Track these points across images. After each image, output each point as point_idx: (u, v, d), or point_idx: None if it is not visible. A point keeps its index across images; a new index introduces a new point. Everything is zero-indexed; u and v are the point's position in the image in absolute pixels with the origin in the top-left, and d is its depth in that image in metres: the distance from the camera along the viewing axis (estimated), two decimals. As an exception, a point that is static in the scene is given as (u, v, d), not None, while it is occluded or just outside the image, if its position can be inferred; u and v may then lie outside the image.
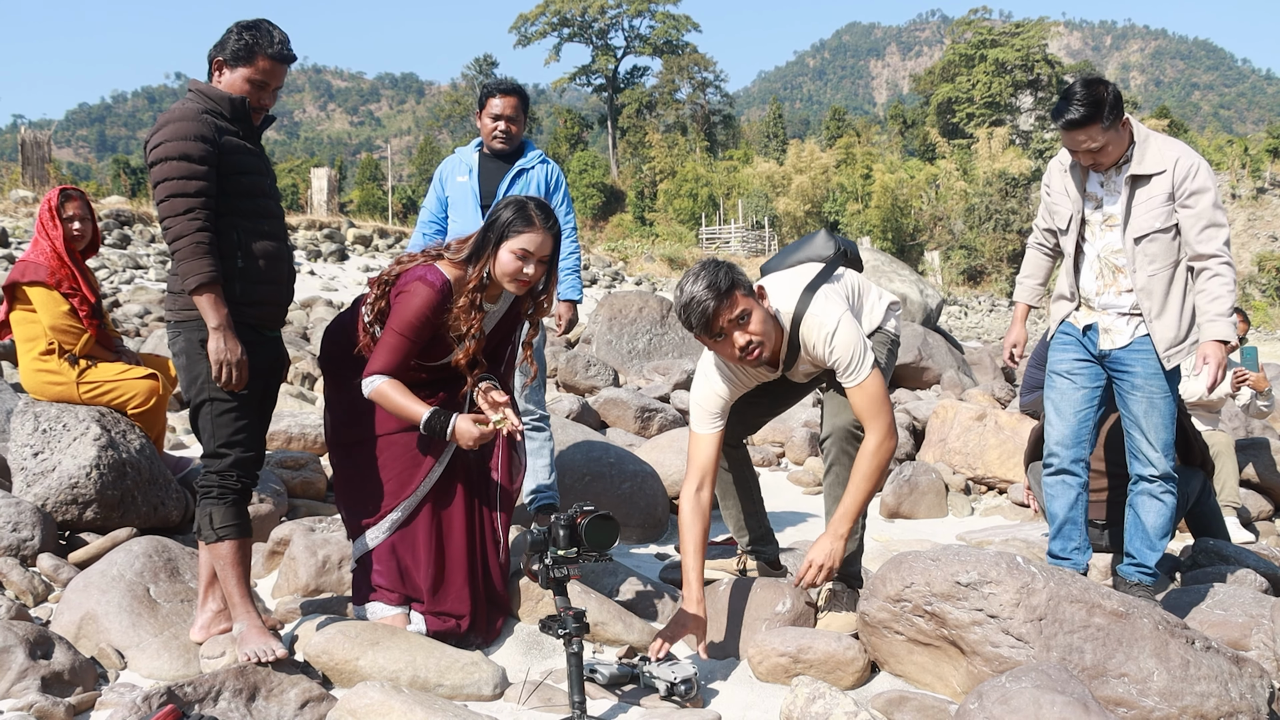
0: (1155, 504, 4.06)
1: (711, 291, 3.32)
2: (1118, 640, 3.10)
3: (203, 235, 3.20)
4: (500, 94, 4.89)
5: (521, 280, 3.49)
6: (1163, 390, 3.98)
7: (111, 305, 13.67)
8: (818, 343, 3.56)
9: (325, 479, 5.45)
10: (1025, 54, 63.73)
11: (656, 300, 10.81)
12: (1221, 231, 3.85)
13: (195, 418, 3.39)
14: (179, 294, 3.31)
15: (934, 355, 10.85)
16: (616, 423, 7.39)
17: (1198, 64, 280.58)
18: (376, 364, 3.42)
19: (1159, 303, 3.93)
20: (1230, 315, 3.86)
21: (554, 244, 3.54)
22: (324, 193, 30.06)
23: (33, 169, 23.77)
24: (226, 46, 3.39)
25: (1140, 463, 4.06)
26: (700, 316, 3.35)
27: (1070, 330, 4.18)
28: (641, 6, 71.08)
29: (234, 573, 3.35)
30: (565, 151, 64.19)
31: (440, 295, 3.44)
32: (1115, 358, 4.06)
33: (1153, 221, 3.89)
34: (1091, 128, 3.79)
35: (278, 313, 3.52)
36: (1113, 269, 4.02)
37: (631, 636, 3.71)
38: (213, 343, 3.22)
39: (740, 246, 46.14)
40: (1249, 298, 44.64)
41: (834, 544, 3.55)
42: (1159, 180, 3.86)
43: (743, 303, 3.39)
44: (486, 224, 3.52)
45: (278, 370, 3.55)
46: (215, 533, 3.33)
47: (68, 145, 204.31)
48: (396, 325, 3.43)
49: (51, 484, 4.35)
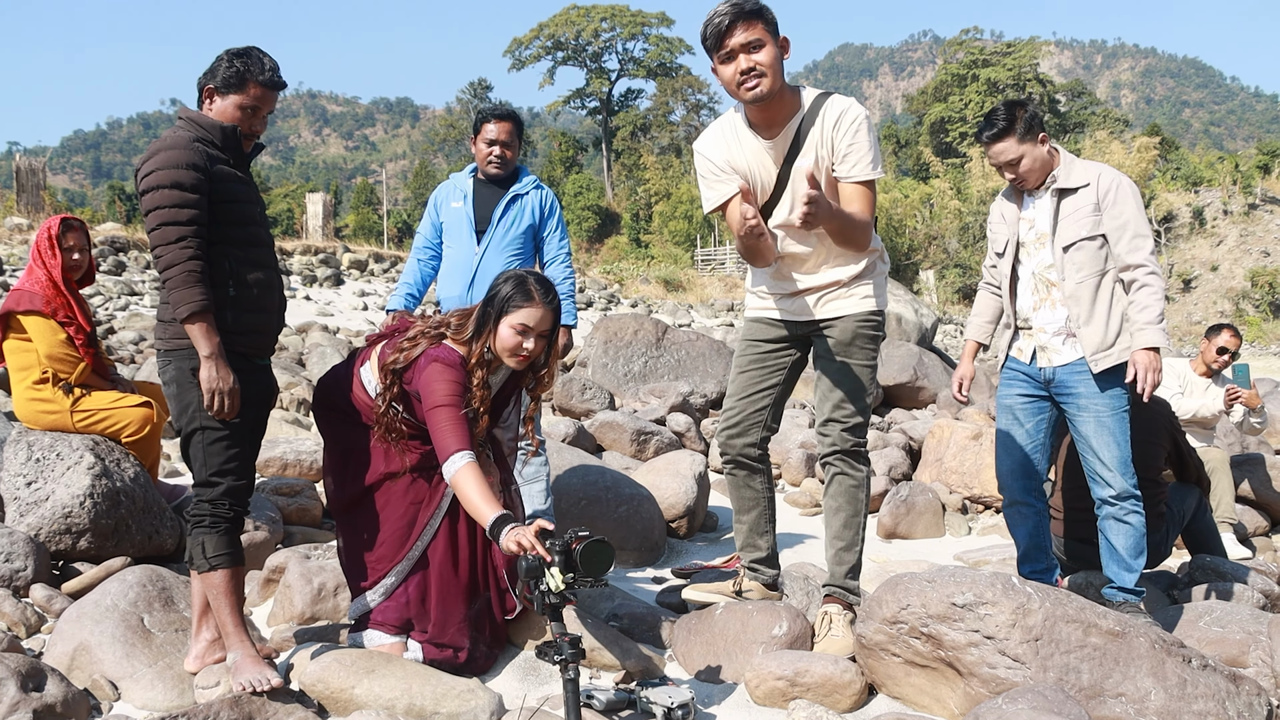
0: (1122, 526, 4.10)
1: (734, 9, 3.38)
2: (1114, 660, 3.09)
3: (194, 264, 3.20)
4: (495, 119, 4.91)
5: (521, 355, 3.48)
6: (1109, 408, 4.07)
7: (106, 332, 13.67)
8: (844, 117, 3.54)
9: (320, 505, 5.44)
10: (1017, 73, 64.01)
11: (652, 323, 10.81)
12: (1147, 242, 4.03)
13: (186, 446, 3.39)
14: (169, 322, 3.31)
15: (929, 375, 10.85)
16: (613, 446, 7.38)
17: (1187, 82, 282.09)
18: (451, 444, 3.29)
19: (1087, 308, 4.07)
20: (1160, 322, 3.99)
21: (554, 318, 3.53)
22: (319, 218, 30.07)
23: (27, 196, 23.76)
24: (218, 74, 3.40)
25: (1099, 485, 4.13)
26: (714, 30, 3.40)
27: (1016, 365, 4.33)
28: (635, 30, 71.41)
29: (227, 602, 3.34)
30: (560, 174, 64.30)
31: (460, 370, 3.44)
32: (1059, 382, 4.17)
33: (1079, 230, 4.07)
34: (1007, 140, 4.10)
35: (269, 341, 3.52)
36: (1046, 284, 4.18)
37: (628, 662, 3.70)
38: (204, 371, 3.22)
39: (736, 268, 46.21)
40: (1243, 313, 44.75)
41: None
42: (1084, 192, 4.08)
43: (760, 32, 3.40)
44: (486, 299, 3.52)
45: (268, 399, 3.55)
46: (208, 561, 3.32)
47: (63, 172, 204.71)
48: (439, 400, 3.36)
49: (45, 513, 4.33)
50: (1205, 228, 53.08)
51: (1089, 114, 67.45)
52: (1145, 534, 4.12)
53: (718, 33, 3.41)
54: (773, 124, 3.62)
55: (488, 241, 4.90)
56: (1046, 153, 4.13)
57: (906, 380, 10.59)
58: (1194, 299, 50.27)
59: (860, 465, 3.88)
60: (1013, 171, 4.14)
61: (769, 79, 3.44)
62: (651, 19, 72.05)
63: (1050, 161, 4.15)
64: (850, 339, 3.78)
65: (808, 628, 3.85)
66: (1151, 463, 4.93)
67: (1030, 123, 4.09)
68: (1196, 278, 51.29)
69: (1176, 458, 5.16)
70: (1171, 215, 54.55)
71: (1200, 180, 56.11)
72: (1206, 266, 50.57)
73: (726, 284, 36.60)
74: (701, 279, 38.07)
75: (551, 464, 5.47)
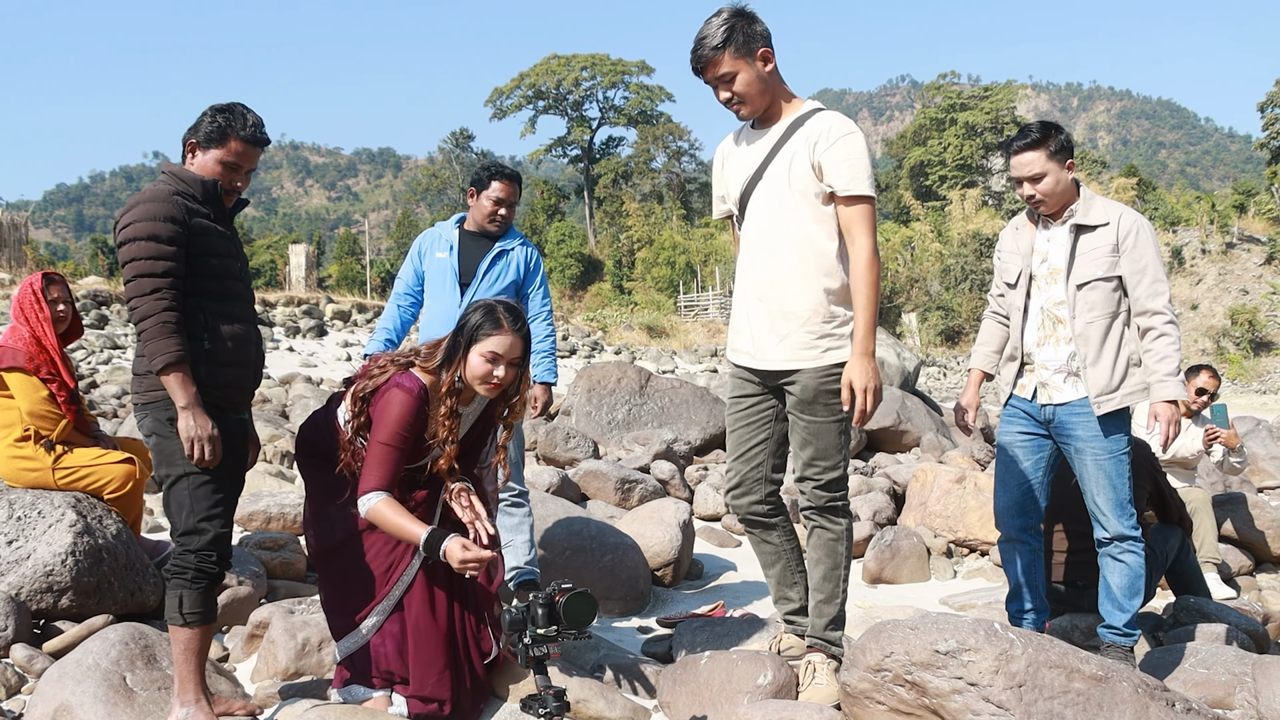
0: (1116, 565, 4.12)
1: (695, 58, 3.63)
2: (1098, 705, 3.10)
3: (169, 315, 3.21)
4: (504, 179, 4.94)
5: (492, 383, 3.50)
6: (1107, 451, 4.07)
7: (89, 386, 13.60)
8: (832, 131, 3.59)
9: (304, 558, 5.41)
10: (994, 116, 64.68)
11: (635, 370, 10.84)
12: (1166, 288, 4.03)
13: (169, 496, 3.37)
14: (144, 375, 3.32)
15: (913, 418, 10.89)
16: (597, 495, 7.38)
17: (1163, 123, 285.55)
18: (370, 481, 3.40)
19: (1095, 349, 4.06)
20: (1178, 375, 4.01)
21: (524, 346, 3.54)
22: (302, 269, 30.16)
23: (9, 251, 23.77)
24: (200, 129, 3.44)
25: (1097, 525, 4.17)
26: (694, 63, 3.65)
27: (1018, 403, 4.31)
28: (615, 78, 72.03)
29: (194, 660, 3.32)
30: (543, 222, 64.60)
31: (418, 400, 3.45)
32: (1059, 422, 4.17)
33: (1095, 269, 4.05)
34: (1037, 151, 4.06)
35: (244, 397, 3.52)
36: (1054, 320, 4.16)
37: (614, 713, 3.68)
38: (182, 422, 3.21)
39: (719, 313, 46.35)
40: (1223, 351, 45.03)
41: (865, 362, 3.55)
42: (1104, 231, 4.06)
43: (729, 64, 3.58)
44: (456, 329, 3.54)
45: (244, 454, 3.55)
46: (183, 617, 3.31)
47: (45, 225, 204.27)
48: (381, 436, 3.42)
49: (26, 572, 4.30)
50: (1184, 267, 53.51)
51: (1067, 156, 68.00)
52: (1142, 575, 4.12)
53: (696, 72, 3.66)
54: (768, 121, 3.77)
55: (471, 294, 4.93)
56: (1071, 181, 4.11)
57: (890, 424, 10.62)
58: (1174, 338, 50.50)
59: (838, 519, 3.80)
60: (1033, 187, 4.09)
61: (748, 103, 3.67)
62: (632, 67, 72.74)
63: (1071, 192, 4.12)
64: (812, 398, 3.67)
65: (793, 676, 3.84)
66: (1133, 504, 4.96)
67: (1062, 144, 4.07)
68: (1177, 316, 51.59)
69: (1158, 499, 5.18)
70: (1150, 255, 54.89)
71: (1178, 220, 56.64)
72: (1187, 305, 50.88)
73: (710, 329, 36.71)
74: (685, 325, 38.21)
75: (535, 514, 5.47)
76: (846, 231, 3.62)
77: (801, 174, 3.63)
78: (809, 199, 3.63)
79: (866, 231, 3.59)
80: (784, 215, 3.67)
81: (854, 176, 3.56)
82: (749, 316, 3.79)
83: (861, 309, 3.57)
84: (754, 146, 3.78)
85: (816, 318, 3.65)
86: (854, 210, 3.59)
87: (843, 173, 3.56)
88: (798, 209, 3.64)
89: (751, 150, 3.79)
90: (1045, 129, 4.10)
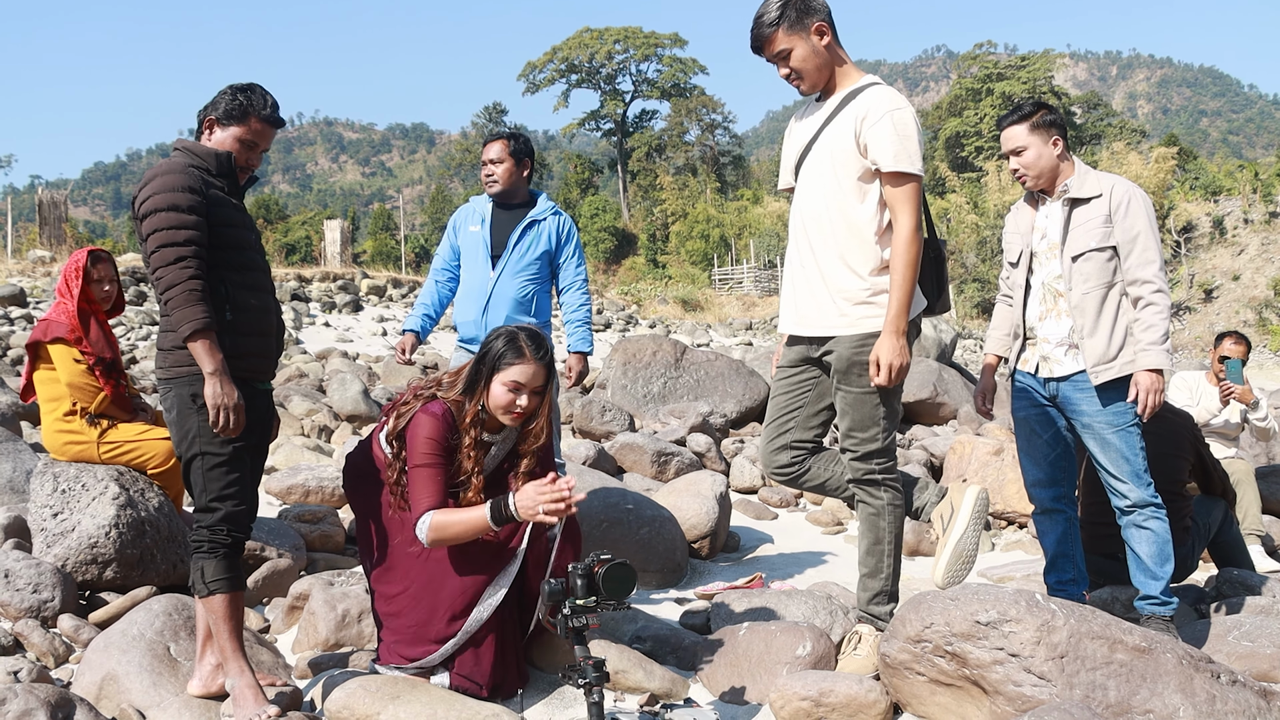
0: (1142, 533, 4.09)
1: (754, 37, 3.70)
2: (1141, 676, 3.07)
3: (195, 282, 3.22)
4: (492, 139, 5.12)
5: (515, 413, 3.47)
6: (1110, 424, 4.08)
7: (129, 362, 13.74)
8: (879, 106, 3.60)
9: (344, 531, 5.46)
10: (1032, 86, 63.91)
11: (670, 343, 10.81)
12: (1157, 257, 4.05)
13: (187, 473, 3.39)
14: (169, 350, 3.32)
15: (949, 391, 10.83)
16: (633, 467, 7.38)
17: (1204, 91, 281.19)
18: (419, 506, 3.38)
19: (1091, 320, 4.08)
20: (1164, 343, 4.00)
21: (547, 374, 3.51)
22: (337, 244, 30.29)
23: (50, 229, 24.03)
24: (220, 106, 3.46)
25: (1114, 495, 4.15)
26: (752, 42, 3.72)
27: (1023, 378, 4.35)
28: (648, 51, 71.76)
29: (227, 626, 3.34)
30: (576, 196, 64.53)
31: (444, 421, 3.45)
32: (1064, 398, 4.19)
33: (1089, 240, 4.08)
34: (1022, 125, 4.18)
35: (268, 365, 3.53)
36: (1054, 294, 4.21)
37: (653, 684, 3.69)
38: (209, 387, 3.22)
39: (753, 286, 46.23)
40: (1266, 322, 44.44)
41: (895, 339, 3.56)
42: (1097, 203, 4.11)
43: (783, 41, 3.64)
44: (478, 356, 3.53)
45: (268, 425, 3.57)
46: (207, 586, 3.32)
47: (84, 204, 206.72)
48: (416, 459, 3.42)
49: (71, 544, 4.37)
50: (1226, 237, 52.81)
51: (1105, 126, 67.25)
52: (1169, 540, 4.09)
53: (755, 50, 3.72)
54: (828, 94, 3.79)
55: (502, 266, 4.95)
56: (1055, 156, 4.16)
57: (926, 396, 10.57)
58: (1216, 309, 49.97)
59: (878, 493, 3.78)
60: (1016, 159, 4.20)
61: (806, 79, 3.72)
62: (665, 40, 72.44)
63: (1058, 168, 4.18)
64: (846, 367, 3.68)
65: (832, 648, 3.83)
66: (1175, 476, 4.90)
67: (1047, 121, 4.17)
68: (1218, 287, 50.99)
69: (1200, 470, 5.13)
70: (1191, 225, 54.29)
71: (1220, 189, 55.84)
72: (1228, 276, 50.27)
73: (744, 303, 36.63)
74: (719, 298, 38.14)
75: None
76: (891, 208, 3.62)
77: (846, 148, 3.65)
78: (851, 173, 3.65)
79: (909, 210, 3.59)
80: (827, 187, 3.71)
81: (898, 154, 3.55)
82: (794, 284, 3.85)
83: (897, 286, 3.57)
84: (811, 120, 3.82)
85: (853, 287, 3.66)
86: (898, 188, 3.59)
87: (887, 150, 3.56)
88: (840, 182, 3.67)
89: (808, 123, 3.83)
90: (1033, 106, 4.23)
